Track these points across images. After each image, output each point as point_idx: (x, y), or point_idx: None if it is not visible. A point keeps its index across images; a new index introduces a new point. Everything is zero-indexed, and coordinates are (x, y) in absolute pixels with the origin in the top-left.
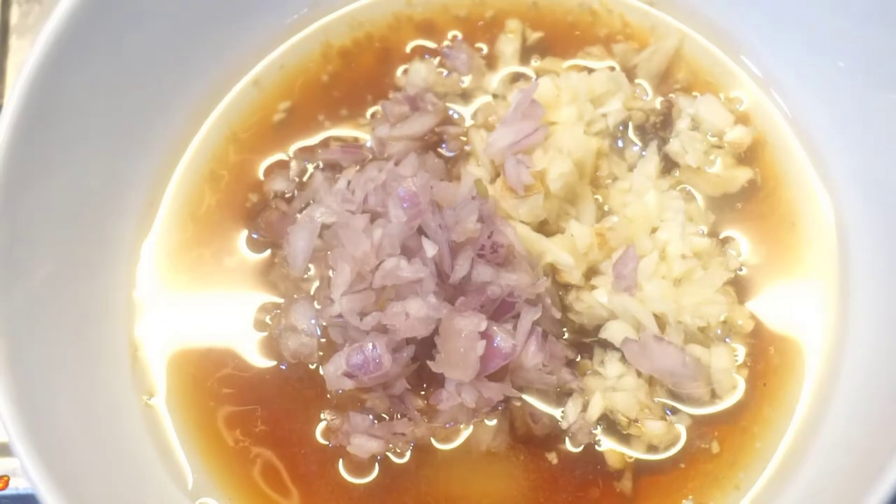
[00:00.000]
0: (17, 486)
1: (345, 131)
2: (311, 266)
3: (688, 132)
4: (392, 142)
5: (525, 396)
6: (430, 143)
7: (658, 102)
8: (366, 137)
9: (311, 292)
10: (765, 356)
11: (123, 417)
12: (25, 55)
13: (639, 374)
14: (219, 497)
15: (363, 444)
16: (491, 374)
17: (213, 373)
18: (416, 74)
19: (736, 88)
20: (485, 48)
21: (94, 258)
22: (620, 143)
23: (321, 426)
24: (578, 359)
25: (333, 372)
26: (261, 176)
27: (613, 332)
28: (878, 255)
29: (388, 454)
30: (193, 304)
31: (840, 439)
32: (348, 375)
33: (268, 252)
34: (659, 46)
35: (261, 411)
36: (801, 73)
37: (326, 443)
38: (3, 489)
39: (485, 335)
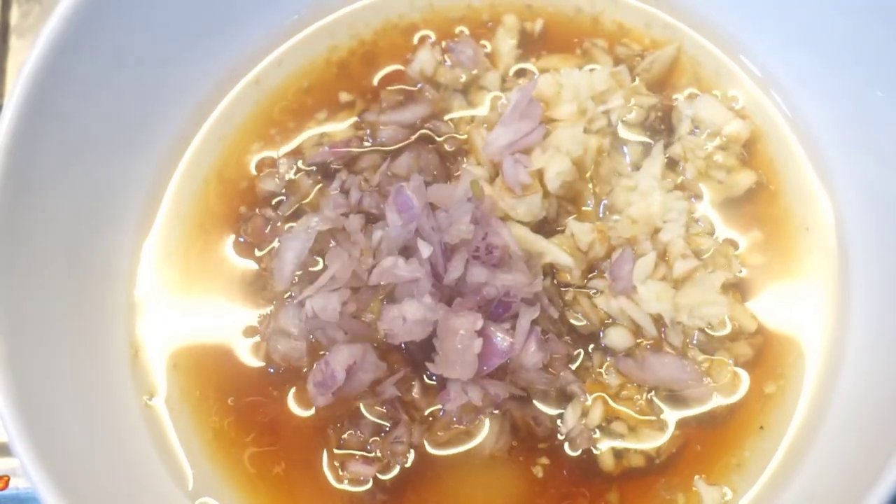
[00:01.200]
0: (17, 486)
1: (331, 127)
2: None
3: (689, 137)
4: (381, 126)
5: None
6: (425, 136)
7: (658, 103)
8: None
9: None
10: (765, 356)
11: (123, 417)
12: (25, 55)
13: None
14: (219, 497)
15: (359, 471)
16: (491, 374)
17: (213, 373)
18: (418, 62)
19: (735, 88)
20: (488, 46)
21: (95, 258)
22: (624, 146)
23: (322, 434)
24: (581, 358)
25: (313, 391)
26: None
27: (613, 339)
28: (878, 256)
29: (390, 461)
30: (194, 305)
31: (840, 439)
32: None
33: (258, 256)
34: (659, 55)
35: (261, 411)
36: (800, 73)
37: (333, 468)
38: (3, 489)
39: (482, 334)
